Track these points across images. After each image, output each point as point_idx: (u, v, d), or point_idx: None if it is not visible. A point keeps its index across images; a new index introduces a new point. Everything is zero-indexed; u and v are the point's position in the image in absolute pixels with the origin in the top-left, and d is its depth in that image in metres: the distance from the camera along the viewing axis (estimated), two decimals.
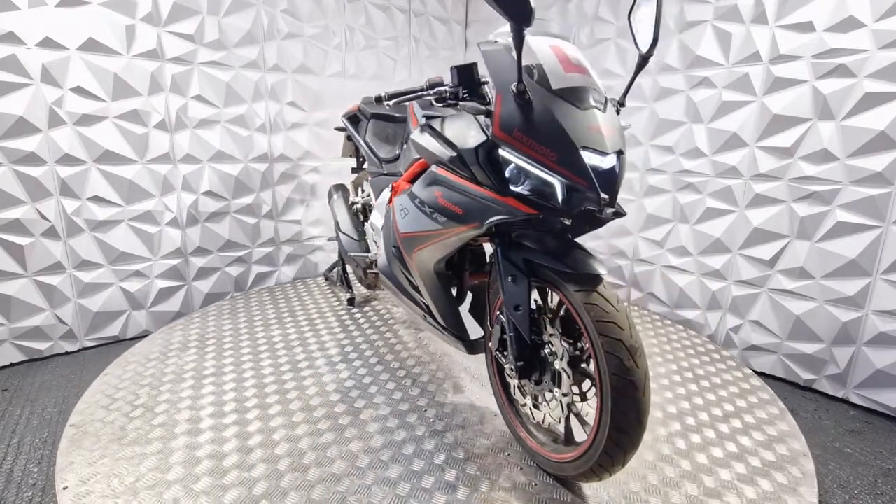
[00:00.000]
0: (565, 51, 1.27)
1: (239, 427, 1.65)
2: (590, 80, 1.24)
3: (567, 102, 1.18)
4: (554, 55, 1.25)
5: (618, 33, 2.73)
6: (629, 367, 1.13)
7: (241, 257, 2.94)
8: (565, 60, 1.24)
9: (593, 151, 1.15)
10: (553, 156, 1.16)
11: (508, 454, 1.54)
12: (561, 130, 1.16)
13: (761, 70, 2.16)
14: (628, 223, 2.84)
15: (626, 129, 1.56)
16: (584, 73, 1.24)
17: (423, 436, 1.62)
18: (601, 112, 1.20)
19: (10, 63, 2.06)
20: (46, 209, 2.23)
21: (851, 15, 1.88)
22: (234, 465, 1.47)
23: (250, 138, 2.83)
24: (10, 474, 1.53)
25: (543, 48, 1.26)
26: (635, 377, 1.13)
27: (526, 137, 1.19)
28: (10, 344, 2.24)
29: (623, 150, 1.20)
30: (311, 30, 2.95)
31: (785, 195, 2.15)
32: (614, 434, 1.16)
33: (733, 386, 1.99)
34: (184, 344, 2.27)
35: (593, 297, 1.19)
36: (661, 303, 2.75)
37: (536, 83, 1.20)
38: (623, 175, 1.21)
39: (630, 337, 1.15)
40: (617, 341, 1.14)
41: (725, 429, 1.70)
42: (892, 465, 1.67)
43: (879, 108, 1.86)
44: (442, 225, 1.42)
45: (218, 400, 1.81)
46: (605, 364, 1.15)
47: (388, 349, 2.25)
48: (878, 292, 1.93)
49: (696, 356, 2.23)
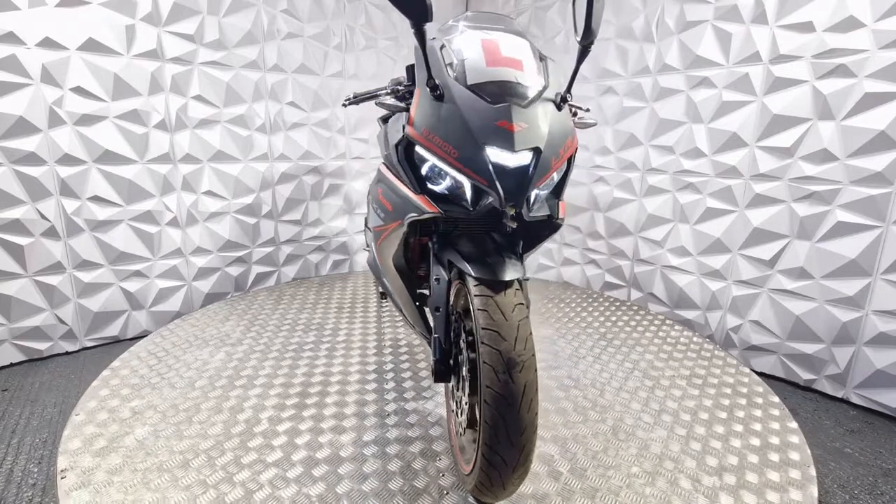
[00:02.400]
0: (498, 44, 1.22)
1: (239, 427, 1.65)
2: (518, 74, 1.17)
3: (479, 98, 1.13)
4: (481, 49, 1.21)
5: (618, 33, 2.73)
6: (503, 381, 1.04)
7: (241, 257, 2.94)
8: (493, 54, 1.20)
9: (500, 149, 1.09)
10: (455, 153, 1.12)
11: None
12: (465, 127, 1.11)
13: (761, 70, 2.16)
14: (628, 223, 2.85)
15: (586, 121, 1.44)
16: (513, 66, 1.18)
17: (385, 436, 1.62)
18: (520, 107, 1.12)
19: (10, 63, 2.06)
20: (46, 209, 2.23)
21: (851, 15, 1.88)
22: (234, 464, 1.47)
23: (250, 138, 2.83)
24: (10, 474, 1.53)
25: (473, 42, 1.23)
26: (508, 392, 1.03)
27: (432, 135, 1.15)
28: (10, 344, 2.24)
29: (541, 148, 1.11)
30: (311, 30, 2.95)
31: (785, 195, 2.15)
32: (486, 452, 1.07)
33: (733, 386, 1.99)
34: (184, 344, 2.26)
35: (487, 303, 1.10)
36: (661, 303, 2.75)
37: (454, 79, 1.17)
38: (546, 174, 1.13)
39: (512, 349, 1.05)
40: (496, 352, 1.05)
41: (725, 429, 1.70)
42: (892, 465, 1.67)
43: (879, 108, 1.86)
44: (383, 221, 1.44)
45: (219, 400, 1.81)
46: (481, 375, 1.07)
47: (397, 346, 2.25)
48: (878, 292, 1.93)
49: (696, 356, 2.23)
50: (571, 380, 1.99)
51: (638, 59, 2.66)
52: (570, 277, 3.28)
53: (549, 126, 1.14)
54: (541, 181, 1.13)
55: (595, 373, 2.05)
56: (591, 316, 2.67)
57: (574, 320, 2.61)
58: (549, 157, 1.13)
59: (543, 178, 1.13)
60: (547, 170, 1.13)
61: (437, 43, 1.27)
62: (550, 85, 1.21)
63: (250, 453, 1.52)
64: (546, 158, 1.12)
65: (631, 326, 2.54)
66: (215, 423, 1.67)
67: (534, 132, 1.11)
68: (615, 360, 2.17)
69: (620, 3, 2.70)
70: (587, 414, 1.76)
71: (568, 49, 3.00)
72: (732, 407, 1.84)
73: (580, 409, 1.79)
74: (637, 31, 2.64)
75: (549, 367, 2.10)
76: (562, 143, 1.17)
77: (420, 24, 1.07)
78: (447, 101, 1.15)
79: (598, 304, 2.86)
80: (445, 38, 1.29)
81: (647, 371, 2.08)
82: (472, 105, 1.13)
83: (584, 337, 2.40)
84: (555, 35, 3.06)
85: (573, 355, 2.21)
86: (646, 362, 2.15)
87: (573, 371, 2.06)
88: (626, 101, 2.75)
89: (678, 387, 1.96)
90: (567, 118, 1.22)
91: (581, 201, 3.10)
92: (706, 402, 1.86)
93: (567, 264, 3.28)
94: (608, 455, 1.54)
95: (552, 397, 1.86)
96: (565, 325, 2.53)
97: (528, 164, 1.10)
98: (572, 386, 1.95)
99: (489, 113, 1.11)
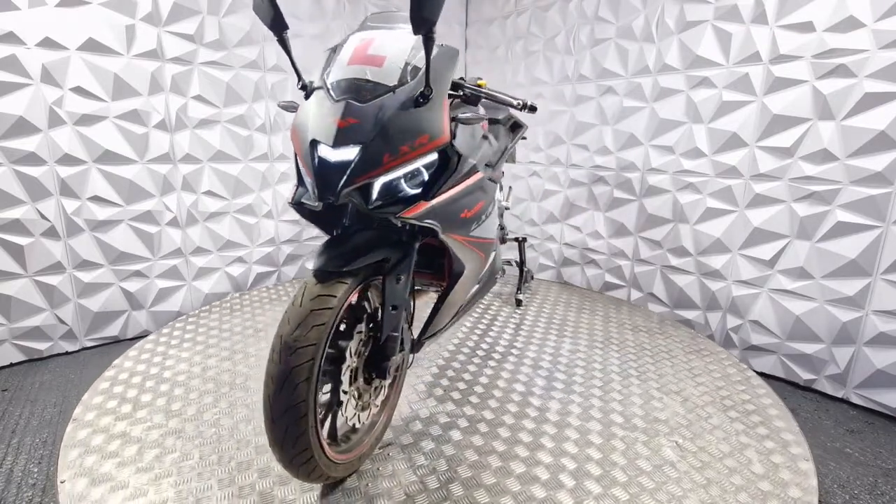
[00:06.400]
0: (371, 42, 1.25)
1: (240, 427, 1.65)
2: (372, 71, 1.19)
3: (327, 95, 1.19)
4: (352, 48, 1.26)
5: (618, 33, 2.73)
6: (273, 361, 1.10)
7: (241, 257, 2.94)
8: (360, 52, 1.23)
9: (324, 144, 1.14)
10: (299, 148, 1.19)
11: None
12: (305, 124, 1.18)
13: (761, 70, 2.16)
14: (628, 223, 2.85)
15: (467, 117, 1.37)
16: (371, 63, 1.21)
17: None
18: (357, 104, 1.14)
19: (10, 63, 2.05)
20: (46, 209, 2.23)
21: (851, 15, 1.88)
22: (234, 464, 1.47)
23: (250, 138, 2.83)
24: (10, 474, 1.53)
25: (352, 42, 1.28)
26: (275, 373, 1.09)
27: (295, 132, 1.23)
28: (10, 344, 2.24)
29: (366, 144, 1.12)
30: (311, 30, 2.95)
31: (785, 195, 2.15)
32: (265, 427, 1.14)
33: (733, 386, 1.99)
34: (184, 344, 2.26)
35: (300, 289, 1.17)
36: (661, 303, 2.75)
37: (321, 78, 1.24)
38: (375, 170, 1.14)
39: (291, 334, 1.09)
40: (277, 336, 1.12)
41: (725, 429, 1.70)
42: (892, 465, 1.67)
43: (879, 108, 1.86)
44: None
45: (219, 400, 1.81)
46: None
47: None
48: (878, 292, 1.93)
49: (695, 356, 2.23)
50: (572, 380, 1.99)
51: (638, 59, 2.66)
52: (570, 277, 3.28)
53: (388, 122, 1.15)
54: (364, 177, 1.14)
55: (595, 373, 2.05)
56: (591, 316, 2.67)
57: (574, 320, 2.60)
58: (378, 153, 1.14)
59: (370, 174, 1.15)
60: (376, 166, 1.15)
61: (334, 45, 1.35)
62: (414, 82, 1.21)
63: (251, 453, 1.52)
64: (373, 154, 1.13)
65: (631, 326, 2.53)
66: (215, 424, 1.67)
67: (363, 128, 1.13)
68: (616, 361, 2.16)
69: (620, 3, 2.70)
70: (587, 414, 1.76)
71: (569, 49, 3.00)
72: (732, 407, 1.84)
73: (579, 409, 1.79)
74: (637, 31, 2.64)
75: (548, 366, 2.10)
76: (406, 139, 1.17)
77: (279, 32, 1.19)
78: (306, 100, 1.24)
79: (599, 304, 2.86)
80: (342, 41, 1.36)
81: (647, 371, 2.08)
82: (319, 102, 1.19)
83: (585, 337, 2.40)
84: (555, 35, 3.06)
85: (572, 355, 2.21)
86: (645, 362, 2.15)
87: (573, 371, 2.06)
88: (626, 101, 2.75)
89: (678, 387, 1.96)
90: (429, 114, 1.21)
91: (581, 201, 3.10)
92: (706, 402, 1.86)
93: (567, 264, 3.28)
94: (606, 454, 1.54)
95: (551, 397, 1.86)
96: (565, 326, 2.53)
97: (349, 160, 1.12)
98: (572, 386, 1.95)
99: (329, 110, 1.16)
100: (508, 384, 1.95)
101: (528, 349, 2.26)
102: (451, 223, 1.36)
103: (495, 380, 1.98)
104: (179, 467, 1.45)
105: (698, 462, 1.52)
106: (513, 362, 2.13)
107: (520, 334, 2.41)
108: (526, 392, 1.89)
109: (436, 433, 1.63)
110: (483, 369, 2.07)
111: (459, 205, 1.39)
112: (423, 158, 1.24)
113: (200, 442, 1.57)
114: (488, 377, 2.00)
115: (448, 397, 1.85)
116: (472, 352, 2.22)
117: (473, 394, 1.88)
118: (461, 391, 1.90)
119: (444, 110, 1.25)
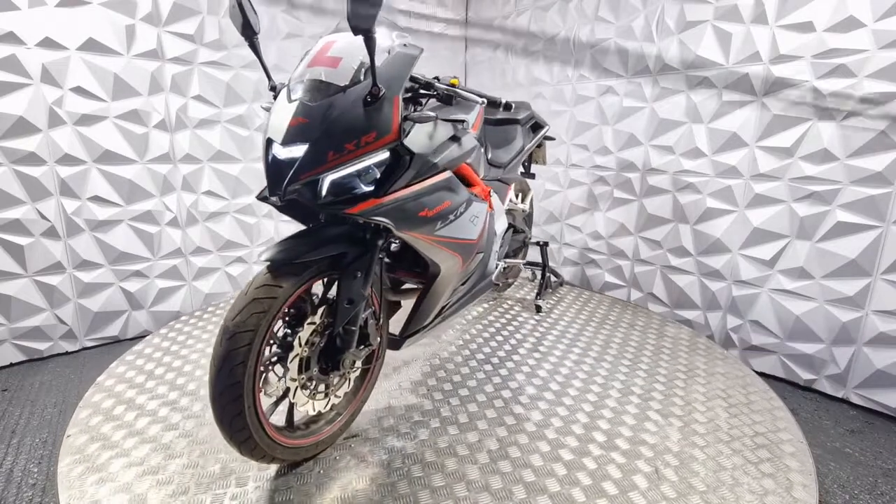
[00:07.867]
0: (333, 44, 1.30)
1: None
2: (327, 72, 1.24)
3: (286, 96, 1.25)
4: (317, 50, 1.32)
5: (618, 33, 2.73)
6: (216, 344, 1.18)
7: (241, 257, 2.94)
8: (322, 53, 1.29)
9: (276, 142, 1.21)
10: (263, 147, 1.25)
11: None
12: (266, 124, 1.26)
13: (761, 70, 2.16)
14: (628, 223, 2.85)
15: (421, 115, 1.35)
16: (328, 65, 1.26)
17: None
18: (308, 104, 1.20)
19: (10, 63, 2.06)
20: (46, 209, 2.23)
21: (851, 15, 1.88)
22: (235, 465, 1.47)
23: (250, 138, 2.83)
24: (10, 474, 1.53)
25: (319, 44, 1.33)
26: (215, 355, 1.17)
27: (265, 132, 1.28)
28: (10, 344, 2.24)
29: (312, 142, 1.18)
30: (311, 30, 2.95)
31: (785, 195, 2.15)
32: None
33: (733, 386, 1.99)
34: (184, 344, 2.26)
35: (255, 278, 1.23)
36: (661, 303, 2.75)
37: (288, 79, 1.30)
38: (320, 167, 1.19)
39: (232, 319, 1.17)
40: (223, 321, 1.19)
41: (725, 429, 1.70)
42: (892, 465, 1.67)
43: (879, 108, 1.86)
44: None
45: None
46: None
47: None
48: (878, 292, 1.93)
49: (695, 356, 2.23)
50: (571, 380, 1.99)
51: (638, 59, 2.66)
52: (570, 277, 3.28)
53: (334, 121, 1.19)
54: (309, 173, 1.19)
55: (595, 373, 2.05)
56: (590, 316, 2.67)
57: (574, 320, 2.60)
58: (322, 151, 1.19)
59: (315, 171, 1.19)
60: (321, 163, 1.19)
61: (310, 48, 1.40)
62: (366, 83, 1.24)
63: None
64: (318, 152, 1.18)
65: (631, 326, 2.53)
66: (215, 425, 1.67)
67: (310, 127, 1.19)
68: (615, 361, 2.16)
69: (620, 3, 2.70)
70: (587, 413, 1.76)
71: (569, 49, 3.00)
72: (732, 407, 1.84)
73: (580, 409, 1.79)
74: (637, 31, 2.64)
75: (549, 366, 2.10)
76: (351, 137, 1.22)
77: (249, 37, 1.28)
78: (276, 101, 1.30)
79: (599, 304, 2.86)
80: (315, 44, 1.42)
81: (646, 371, 2.08)
82: (280, 103, 1.26)
83: (585, 337, 2.40)
84: (555, 35, 3.06)
85: (574, 356, 2.21)
86: (645, 363, 2.15)
87: (573, 371, 2.06)
88: (626, 101, 2.75)
89: (678, 387, 1.96)
90: (376, 113, 1.24)
91: (582, 201, 3.10)
92: (706, 402, 1.86)
93: (567, 264, 3.28)
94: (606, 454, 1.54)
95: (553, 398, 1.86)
96: (565, 326, 2.53)
97: (295, 157, 1.18)
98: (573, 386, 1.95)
99: (285, 110, 1.23)
100: (496, 389, 1.90)
101: (531, 357, 2.25)
102: (409, 221, 1.37)
103: (484, 384, 1.94)
104: (180, 468, 1.45)
105: (698, 462, 1.52)
106: (509, 368, 2.12)
107: (528, 341, 2.39)
108: (511, 399, 1.85)
109: (404, 430, 1.62)
110: (476, 372, 2.05)
111: (417, 203, 1.39)
112: (373, 156, 1.26)
113: (201, 443, 1.57)
114: (478, 380, 1.97)
115: (429, 396, 1.84)
116: (471, 354, 2.22)
117: (456, 395, 1.85)
118: (444, 392, 1.88)
119: (395, 109, 1.28)
